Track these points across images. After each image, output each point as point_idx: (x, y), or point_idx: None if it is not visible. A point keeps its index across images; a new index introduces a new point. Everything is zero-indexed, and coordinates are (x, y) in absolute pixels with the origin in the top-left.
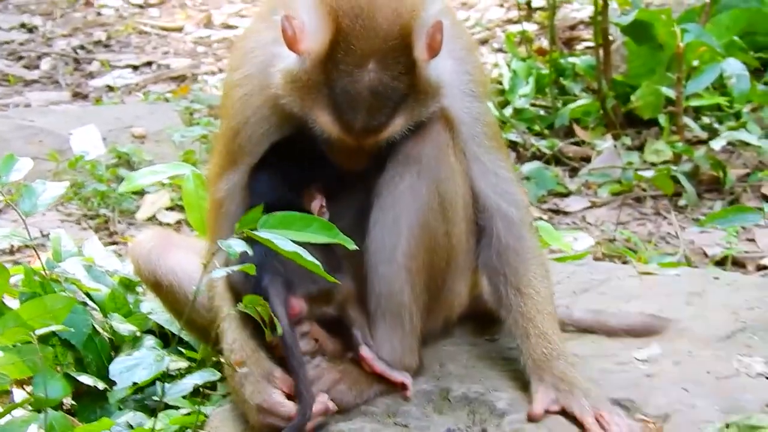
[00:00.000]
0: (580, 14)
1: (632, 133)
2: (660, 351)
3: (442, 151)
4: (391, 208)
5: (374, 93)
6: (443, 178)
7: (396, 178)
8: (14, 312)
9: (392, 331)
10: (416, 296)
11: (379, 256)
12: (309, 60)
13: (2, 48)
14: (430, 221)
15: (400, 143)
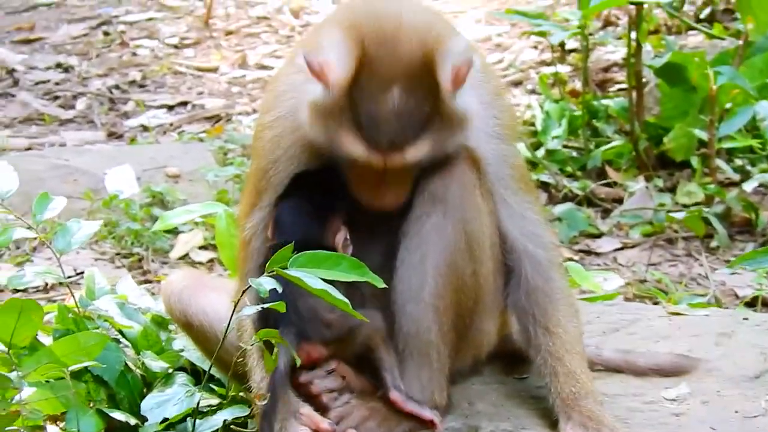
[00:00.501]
0: (613, 56)
1: (664, 174)
2: (688, 390)
3: (468, 190)
4: (418, 248)
5: (398, 114)
6: (469, 218)
7: (422, 218)
8: (48, 348)
9: (420, 369)
10: (444, 335)
11: (407, 296)
12: (335, 88)
13: (38, 87)
14: (457, 261)
15: (425, 182)
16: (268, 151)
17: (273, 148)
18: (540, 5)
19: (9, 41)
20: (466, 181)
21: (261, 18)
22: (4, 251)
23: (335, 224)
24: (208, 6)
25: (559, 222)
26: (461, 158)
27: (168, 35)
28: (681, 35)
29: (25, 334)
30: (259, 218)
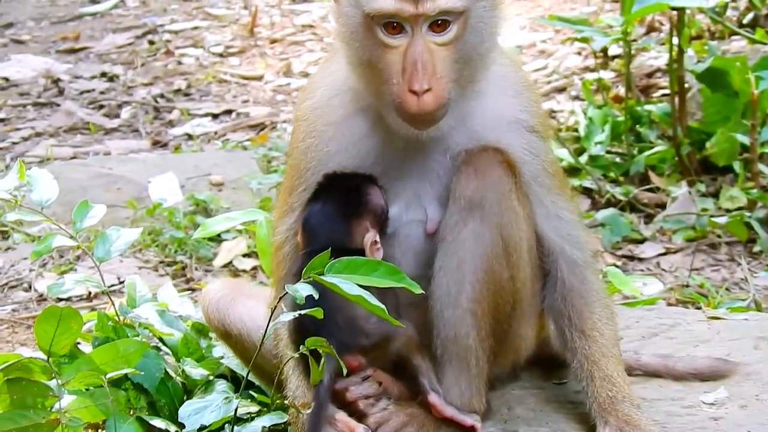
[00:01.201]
0: (656, 62)
1: (707, 179)
2: (727, 394)
3: (505, 196)
4: (455, 254)
5: None
6: (506, 223)
7: (459, 224)
8: (87, 356)
9: (459, 374)
10: (482, 340)
11: (445, 301)
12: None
13: (83, 97)
14: (494, 266)
15: (461, 188)
16: (301, 142)
17: (306, 137)
18: (583, 11)
19: (54, 51)
20: (502, 186)
21: (306, 26)
22: (47, 259)
23: (362, 226)
24: (252, 14)
25: (603, 227)
26: (497, 163)
27: (213, 44)
28: (724, 40)
29: (65, 342)
30: (291, 222)
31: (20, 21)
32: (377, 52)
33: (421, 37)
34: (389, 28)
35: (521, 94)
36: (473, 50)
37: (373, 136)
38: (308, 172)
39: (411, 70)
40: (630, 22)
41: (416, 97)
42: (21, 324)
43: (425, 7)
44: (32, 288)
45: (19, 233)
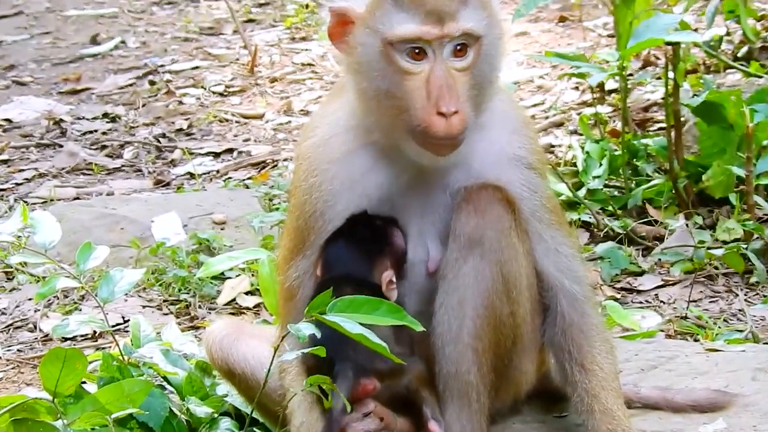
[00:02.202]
0: (652, 96)
1: (704, 212)
2: (725, 426)
3: (505, 233)
4: (456, 291)
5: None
6: (506, 260)
7: (460, 261)
8: (92, 396)
9: (461, 410)
10: (483, 375)
11: (446, 337)
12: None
13: (86, 137)
14: (495, 302)
15: (461, 226)
16: (303, 181)
17: (308, 176)
18: (580, 47)
19: (56, 92)
20: (502, 223)
21: (305, 64)
22: (52, 300)
23: (383, 264)
24: (252, 54)
25: (601, 261)
26: (496, 200)
27: (213, 83)
28: (719, 74)
29: (70, 382)
30: (302, 269)
31: (22, 63)
32: (397, 80)
33: (443, 63)
34: (411, 54)
35: (520, 130)
36: (485, 77)
37: (377, 172)
38: (315, 214)
39: (437, 93)
40: (626, 57)
41: (444, 119)
42: (26, 364)
43: (450, 29)
44: (37, 328)
45: (24, 274)
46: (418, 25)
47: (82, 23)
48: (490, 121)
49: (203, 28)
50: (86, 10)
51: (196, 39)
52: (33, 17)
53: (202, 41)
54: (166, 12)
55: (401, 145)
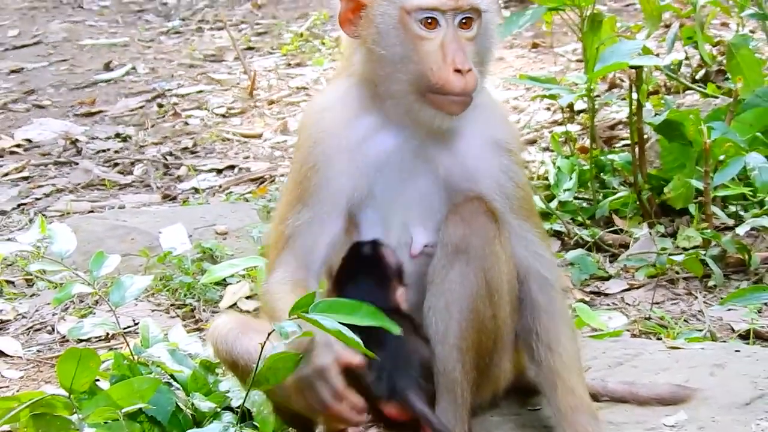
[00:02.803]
0: (618, 115)
1: (666, 221)
2: (686, 417)
3: (489, 241)
4: (443, 295)
5: None
6: (489, 267)
7: (447, 267)
8: (105, 392)
9: (448, 405)
10: (467, 373)
11: (434, 339)
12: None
13: (99, 156)
14: (478, 306)
15: (449, 235)
16: (306, 140)
17: (310, 135)
18: (551, 71)
19: (72, 114)
20: (486, 233)
21: (300, 88)
22: (68, 304)
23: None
24: (252, 79)
25: (572, 266)
26: (482, 212)
27: (216, 106)
28: (678, 95)
29: (84, 379)
30: (304, 216)
31: (41, 88)
32: (413, 46)
33: (454, 30)
34: (425, 23)
35: (502, 118)
36: (486, 50)
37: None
38: (315, 168)
39: (453, 54)
40: (593, 80)
41: (461, 76)
42: (45, 363)
43: (462, 1)
44: (55, 330)
45: (43, 281)
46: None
47: (96, 51)
48: (475, 109)
49: (207, 56)
50: (100, 40)
51: (200, 65)
52: (51, 46)
53: (206, 67)
54: (173, 41)
55: (413, 111)
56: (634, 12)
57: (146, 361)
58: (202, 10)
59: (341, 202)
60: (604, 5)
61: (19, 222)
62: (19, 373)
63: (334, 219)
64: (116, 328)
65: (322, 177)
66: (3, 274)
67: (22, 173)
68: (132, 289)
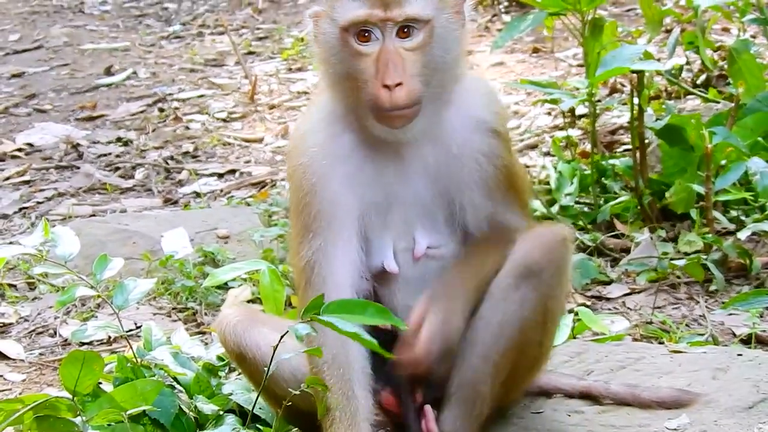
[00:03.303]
0: (619, 120)
1: (667, 226)
2: (688, 421)
3: (561, 272)
4: (501, 312)
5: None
6: (553, 296)
7: (512, 287)
8: (108, 395)
9: (461, 413)
10: (494, 389)
11: (475, 349)
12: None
13: (101, 160)
14: (529, 331)
15: (522, 255)
16: (296, 163)
17: (299, 158)
18: (552, 75)
19: (74, 119)
20: (560, 263)
21: (301, 92)
22: (71, 308)
23: None
24: (252, 83)
25: (573, 271)
26: (561, 240)
27: (217, 110)
28: (680, 100)
29: (88, 382)
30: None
31: (42, 92)
32: (352, 62)
33: (391, 42)
34: (361, 37)
35: (487, 96)
36: (440, 58)
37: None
38: (310, 192)
39: (383, 68)
40: (594, 85)
41: (389, 91)
42: (47, 366)
43: (393, 13)
44: (57, 334)
45: (45, 284)
46: (365, 10)
47: (97, 56)
48: (460, 95)
49: (208, 60)
50: (101, 44)
51: (201, 70)
52: (52, 51)
53: (207, 72)
54: (173, 46)
55: (367, 124)
56: (635, 17)
57: (149, 363)
58: (202, 15)
59: (347, 220)
60: (605, 10)
61: (20, 226)
62: (22, 376)
63: (346, 238)
64: (119, 331)
65: (320, 199)
66: (5, 278)
67: (23, 177)
68: (135, 292)
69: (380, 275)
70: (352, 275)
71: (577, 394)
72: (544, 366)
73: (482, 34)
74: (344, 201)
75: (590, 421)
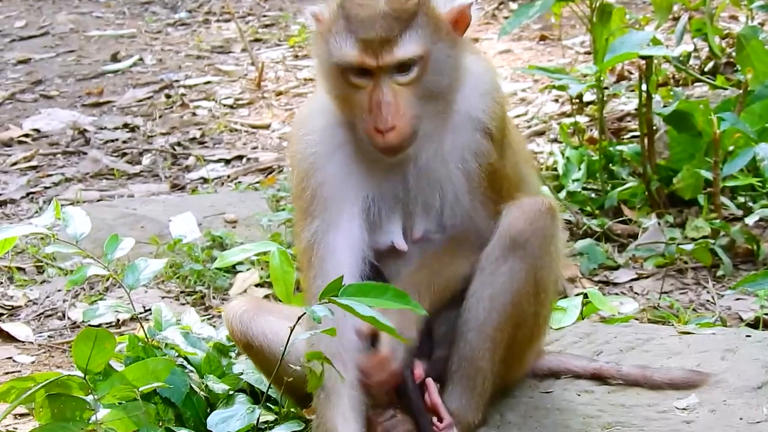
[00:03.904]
0: (626, 107)
1: (674, 212)
2: (698, 401)
3: (547, 241)
4: (491, 285)
5: (384, 13)
6: (542, 266)
7: (500, 260)
8: (120, 373)
9: (464, 390)
10: (494, 364)
11: (471, 324)
12: (328, 12)
13: (108, 146)
14: (523, 302)
15: (509, 228)
16: (295, 148)
17: (298, 143)
18: (560, 62)
19: (80, 105)
20: (545, 232)
21: (307, 79)
22: (79, 291)
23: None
24: (259, 70)
25: (581, 256)
26: (545, 210)
27: (224, 97)
28: (688, 86)
29: (100, 360)
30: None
31: (49, 78)
32: (348, 91)
33: (385, 81)
34: (356, 72)
35: (487, 93)
36: (435, 87)
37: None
38: (308, 174)
39: (376, 112)
40: (602, 71)
41: (381, 134)
42: (56, 349)
43: (384, 60)
44: (66, 316)
45: (53, 268)
46: (358, 57)
47: (103, 42)
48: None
49: (214, 47)
50: (107, 31)
51: (207, 57)
52: (59, 37)
53: (213, 59)
54: (180, 32)
55: (363, 145)
56: (642, 4)
57: (160, 343)
58: (209, 2)
59: (347, 203)
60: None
61: (28, 210)
62: (31, 359)
63: (346, 221)
64: (131, 311)
65: (318, 183)
66: (14, 261)
67: (30, 162)
68: (146, 272)
69: (387, 253)
70: (353, 256)
71: (588, 375)
72: (542, 338)
73: (489, 22)
74: (343, 184)
75: (600, 401)
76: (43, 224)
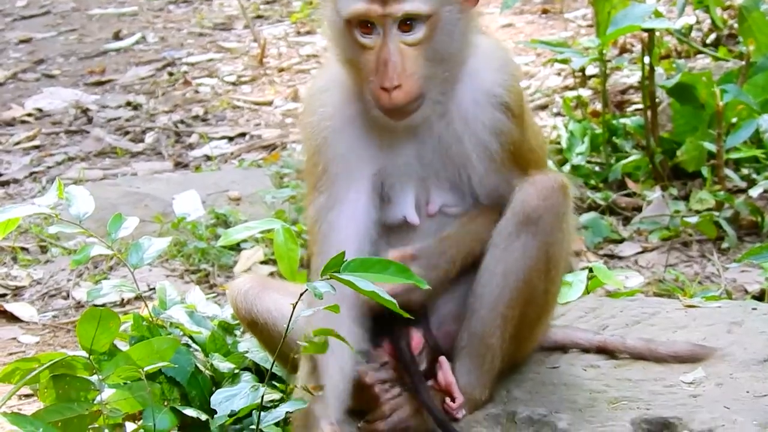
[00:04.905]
0: (629, 80)
1: (678, 184)
2: (704, 374)
3: (559, 218)
4: (503, 261)
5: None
6: (553, 242)
7: (513, 236)
8: (125, 353)
9: (473, 367)
10: (504, 341)
11: (482, 301)
12: None
13: (110, 124)
14: (534, 279)
15: (522, 204)
16: (307, 122)
17: (310, 116)
18: (562, 36)
19: (83, 83)
20: (558, 209)
21: (310, 56)
22: (83, 270)
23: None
24: (262, 47)
25: (585, 229)
26: (558, 187)
27: (226, 74)
28: (690, 59)
29: (104, 340)
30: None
31: (50, 57)
32: (356, 52)
33: (392, 38)
34: (363, 28)
35: (502, 68)
36: (444, 50)
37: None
38: (319, 149)
39: (382, 69)
40: (605, 44)
41: (387, 93)
42: (61, 329)
43: (391, 9)
44: (70, 296)
45: (57, 247)
46: (364, 5)
47: (105, 21)
48: (472, 68)
49: (216, 24)
50: (109, 9)
51: (209, 34)
52: (60, 16)
53: (216, 36)
54: (182, 10)
55: (372, 112)
56: None
57: (164, 322)
58: None
59: (356, 178)
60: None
61: (31, 190)
62: (35, 339)
63: (353, 197)
64: (135, 290)
65: (328, 157)
66: (17, 241)
67: (33, 142)
68: (151, 251)
69: (398, 227)
70: (359, 232)
71: (594, 348)
72: (551, 316)
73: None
74: (353, 160)
75: (606, 375)
76: (47, 204)
